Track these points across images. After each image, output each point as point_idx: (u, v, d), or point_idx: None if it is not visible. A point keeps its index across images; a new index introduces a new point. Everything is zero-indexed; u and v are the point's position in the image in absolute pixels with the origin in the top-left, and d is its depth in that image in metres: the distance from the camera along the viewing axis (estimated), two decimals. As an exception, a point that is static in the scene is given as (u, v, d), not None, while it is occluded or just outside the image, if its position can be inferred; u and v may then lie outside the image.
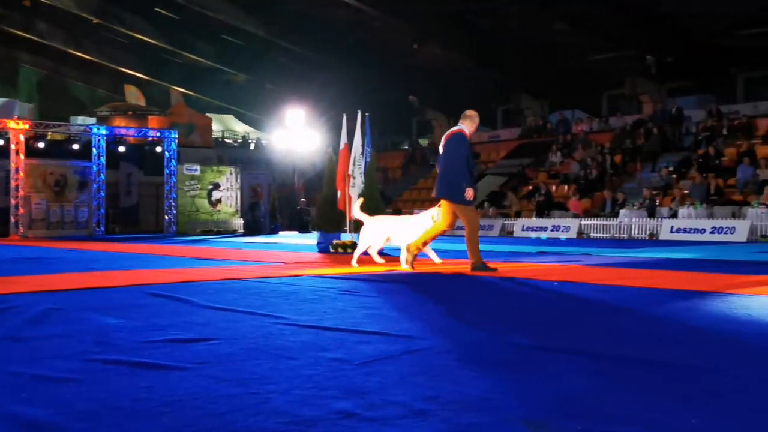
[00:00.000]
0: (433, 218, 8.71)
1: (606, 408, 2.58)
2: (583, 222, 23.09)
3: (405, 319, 4.67)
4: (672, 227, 20.81)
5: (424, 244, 8.65)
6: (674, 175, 24.66)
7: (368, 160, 13.04)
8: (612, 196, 24.19)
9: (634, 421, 2.40)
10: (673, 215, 21.67)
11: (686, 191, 22.67)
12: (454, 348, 3.67)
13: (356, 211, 9.70)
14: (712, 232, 19.85)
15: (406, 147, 39.82)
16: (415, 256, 8.63)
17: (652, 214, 22.22)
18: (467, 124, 8.70)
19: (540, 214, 25.03)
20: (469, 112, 8.79)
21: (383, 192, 28.43)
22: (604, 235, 22.32)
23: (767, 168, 22.52)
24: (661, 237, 20.68)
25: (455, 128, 8.64)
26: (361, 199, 10.34)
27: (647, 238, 20.99)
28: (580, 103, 35.11)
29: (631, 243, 18.85)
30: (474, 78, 33.41)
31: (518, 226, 24.43)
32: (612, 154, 27.88)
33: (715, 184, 22.39)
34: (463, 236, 8.51)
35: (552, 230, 23.35)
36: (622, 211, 22.62)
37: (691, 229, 20.39)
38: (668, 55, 28.16)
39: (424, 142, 40.14)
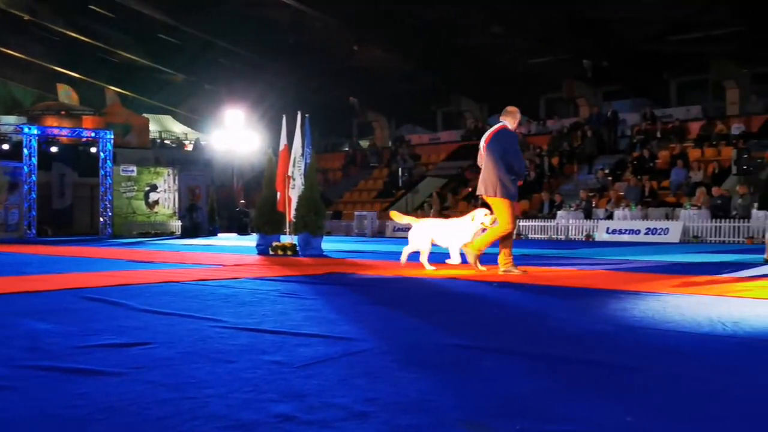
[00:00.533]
0: (473, 219, 8.74)
1: (545, 407, 2.59)
2: (521, 223, 23.38)
3: (345, 321, 4.65)
4: (608, 228, 21.23)
5: (486, 245, 8.49)
6: (610, 177, 25.16)
7: (308, 161, 12.98)
8: (550, 197, 24.56)
9: (572, 420, 2.42)
10: (609, 216, 22.11)
11: (621, 193, 23.15)
12: (394, 349, 3.67)
13: (399, 217, 9.71)
14: (646, 233, 20.31)
15: (347, 148, 39.81)
16: (477, 257, 8.46)
17: (588, 215, 22.64)
18: (509, 120, 8.51)
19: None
20: (510, 108, 8.62)
21: (323, 193, 28.40)
22: (542, 236, 22.64)
23: (699, 170, 23.15)
24: (597, 238, 21.08)
25: (498, 125, 8.45)
26: (395, 211, 10.31)
27: (584, 239, 21.37)
28: (518, 106, 35.40)
29: (569, 244, 19.16)
30: (414, 80, 33.59)
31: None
32: (550, 156, 28.32)
33: (650, 186, 22.93)
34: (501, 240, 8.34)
35: (491, 231, 23.57)
36: (559, 213, 22.99)
37: (626, 230, 20.83)
38: (604, 59, 28.73)
39: (364, 143, 40.19)
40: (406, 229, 9.98)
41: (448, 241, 8.87)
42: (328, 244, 14.36)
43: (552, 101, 34.67)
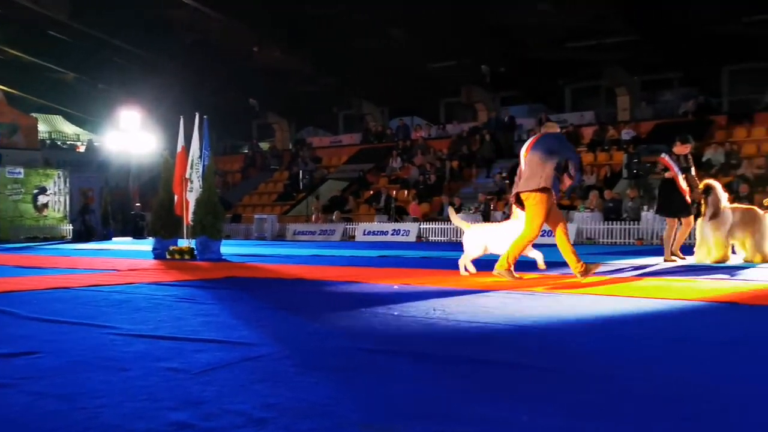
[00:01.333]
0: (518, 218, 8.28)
1: (449, 409, 2.59)
2: (422, 226, 23.62)
3: (244, 326, 4.56)
4: (505, 230, 21.63)
5: (517, 255, 7.97)
6: (507, 181, 25.66)
7: (206, 163, 12.75)
8: (449, 200, 24.89)
9: (473, 421, 2.43)
10: (506, 218, 22.54)
11: (518, 196, 23.64)
12: (294, 354, 3.61)
13: (454, 218, 9.27)
14: (541, 235, 20.73)
15: (246, 151, 39.34)
16: (507, 269, 7.87)
17: (487, 217, 23.04)
18: (551, 130, 8.17)
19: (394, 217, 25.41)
20: (550, 123, 8.36)
21: (222, 196, 27.95)
22: (443, 238, 22.93)
23: (592, 174, 23.91)
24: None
25: (540, 133, 8.14)
26: (451, 208, 9.90)
27: (482, 241, 21.72)
28: (419, 110, 35.98)
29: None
30: (315, 82, 33.49)
31: (360, 230, 24.66)
32: (449, 160, 28.71)
33: (545, 189, 23.51)
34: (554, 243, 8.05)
35: (392, 234, 23.74)
36: (459, 215, 23.31)
37: (522, 232, 21.27)
38: (501, 65, 29.34)
39: (264, 145, 39.79)
40: (308, 232, 9.84)
41: (504, 247, 8.15)
42: (227, 248, 14.14)
43: (451, 105, 35.19)
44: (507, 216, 22.47)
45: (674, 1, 24.31)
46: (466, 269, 8.40)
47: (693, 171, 10.63)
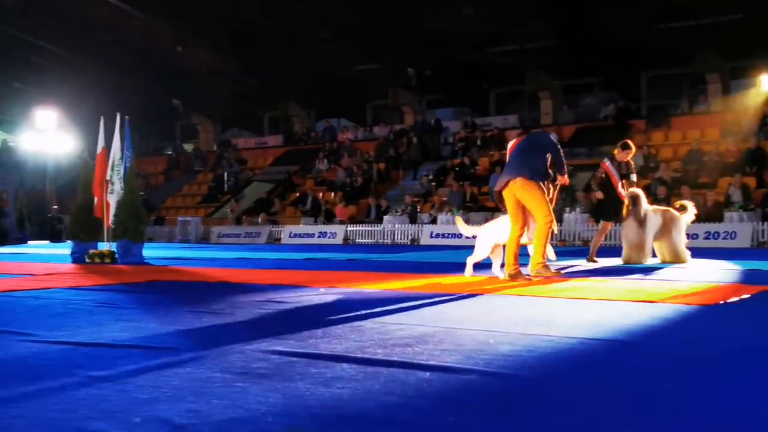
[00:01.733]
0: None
1: (368, 412, 2.58)
2: (349, 228, 23.58)
3: (166, 331, 4.44)
4: (432, 232, 21.81)
5: (543, 252, 7.83)
6: (434, 183, 25.89)
7: (128, 165, 12.44)
8: (376, 202, 24.93)
9: (394, 423, 2.42)
10: (433, 221, 22.72)
11: (445, 198, 23.88)
12: (219, 359, 3.53)
13: (463, 227, 8.84)
14: (468, 237, 20.99)
15: (170, 152, 38.64)
16: (543, 265, 7.81)
17: (413, 220, 23.17)
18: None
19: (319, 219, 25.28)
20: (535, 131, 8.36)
21: (145, 198, 27.38)
22: (369, 240, 22.93)
23: (516, 177, 24.26)
24: (422, 242, 21.60)
25: (533, 131, 8.34)
26: (458, 218, 9.62)
27: (409, 243, 21.84)
28: (345, 112, 35.95)
29: (395, 248, 19.51)
30: (241, 83, 33.11)
31: (286, 233, 24.47)
32: (376, 162, 28.76)
33: (471, 191, 23.78)
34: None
35: (319, 236, 23.63)
36: (386, 217, 23.38)
37: (448, 234, 21.47)
38: (428, 68, 29.55)
39: (188, 147, 39.14)
40: (233, 235, 9.67)
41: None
42: (149, 251, 13.83)
43: (378, 108, 35.27)
44: (434, 219, 22.65)
45: (593, 8, 24.94)
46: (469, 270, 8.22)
47: (634, 177, 10.89)
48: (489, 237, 8.05)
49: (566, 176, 7.88)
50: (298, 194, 28.84)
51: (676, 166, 22.70)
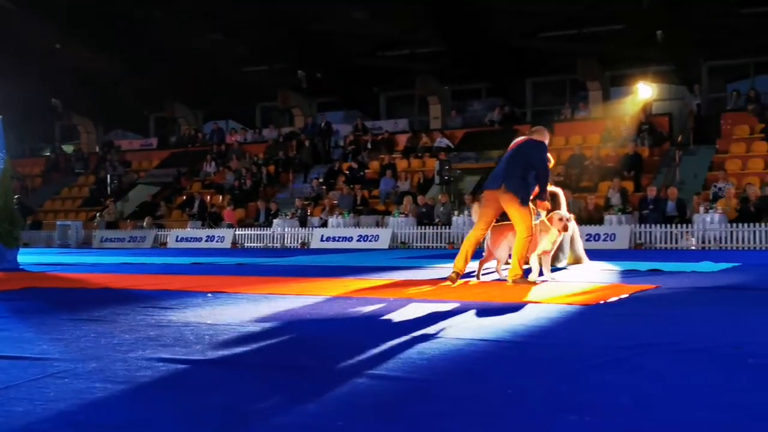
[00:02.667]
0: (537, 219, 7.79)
1: (263, 416, 2.54)
2: (237, 232, 23.23)
3: (43, 339, 4.22)
4: (322, 236, 21.75)
5: (522, 262, 7.54)
6: (324, 186, 25.83)
7: (2, 166, 11.83)
8: (266, 206, 24.66)
9: (290, 427, 2.40)
10: (324, 224, 22.67)
11: (335, 201, 23.85)
12: (99, 368, 3.37)
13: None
14: (358, 240, 21.08)
15: (48, 153, 37.08)
16: (521, 276, 7.51)
17: (303, 223, 23.04)
18: (540, 137, 7.82)
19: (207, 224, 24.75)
20: (538, 128, 8.03)
21: (21, 202, 26.17)
22: (258, 244, 22.66)
23: (406, 180, 24.52)
24: (312, 245, 21.51)
25: (526, 137, 7.92)
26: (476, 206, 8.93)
27: (299, 247, 21.71)
28: (234, 114, 35.41)
29: (285, 252, 19.35)
30: (125, 83, 32.13)
31: (172, 237, 23.88)
32: (266, 165, 28.47)
33: (361, 194, 23.86)
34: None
35: (207, 240, 23.18)
36: (275, 221, 23.15)
37: (339, 237, 21.47)
38: (318, 71, 29.47)
39: (68, 148, 37.65)
40: (116, 239, 9.33)
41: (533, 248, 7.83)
42: (25, 257, 13.19)
43: (268, 110, 34.91)
44: (324, 222, 22.58)
45: (481, 16, 25.50)
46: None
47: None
48: (504, 239, 7.92)
49: (545, 201, 7.84)
50: (185, 197, 28.20)
51: (559, 171, 23.43)
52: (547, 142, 7.86)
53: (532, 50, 27.02)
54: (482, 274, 8.11)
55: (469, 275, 7.95)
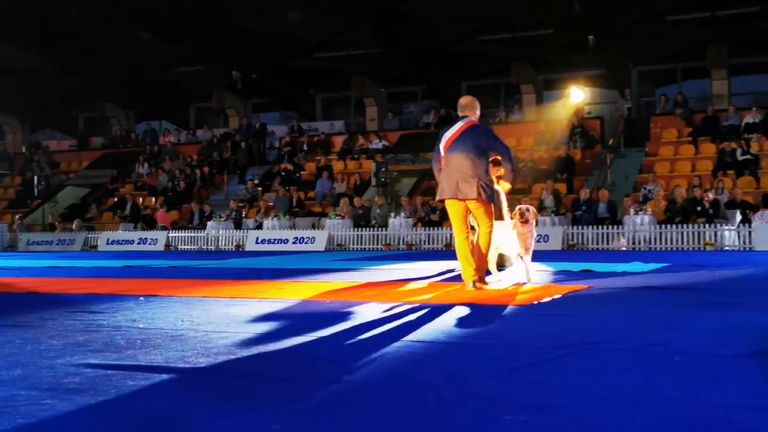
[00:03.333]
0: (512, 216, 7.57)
1: (191, 422, 2.50)
2: (171, 234, 22.86)
3: (-35, 346, 4.06)
4: (257, 238, 21.55)
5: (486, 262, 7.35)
6: (259, 188, 25.60)
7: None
8: (200, 208, 24.33)
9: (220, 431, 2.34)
10: (259, 226, 22.47)
11: (270, 203, 23.66)
12: (25, 375, 3.26)
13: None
14: (294, 242, 20.95)
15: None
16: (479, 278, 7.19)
17: (238, 225, 22.80)
18: (472, 113, 7.36)
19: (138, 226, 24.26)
20: (465, 101, 7.47)
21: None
22: (192, 246, 22.34)
23: (343, 182, 24.47)
24: (247, 248, 21.30)
25: (464, 122, 7.26)
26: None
27: (234, 249, 21.46)
28: (167, 115, 34.84)
29: (219, 254, 19.12)
30: (54, 82, 31.27)
31: (103, 240, 23.36)
32: (200, 166, 28.09)
33: (297, 196, 23.72)
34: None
35: (139, 243, 22.75)
36: (209, 223, 22.86)
37: (275, 239, 21.31)
38: (253, 72, 29.21)
39: (-7, 148, 36.50)
40: (44, 242, 9.07)
41: (511, 248, 7.75)
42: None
43: (202, 110, 34.44)
44: (259, 224, 22.38)
45: (416, 19, 25.64)
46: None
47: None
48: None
49: (510, 175, 7.80)
50: (116, 199, 27.62)
51: (494, 173, 23.71)
52: (478, 114, 7.46)
53: (467, 53, 27.27)
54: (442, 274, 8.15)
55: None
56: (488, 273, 7.78)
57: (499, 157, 7.82)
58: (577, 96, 26.05)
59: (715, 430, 2.36)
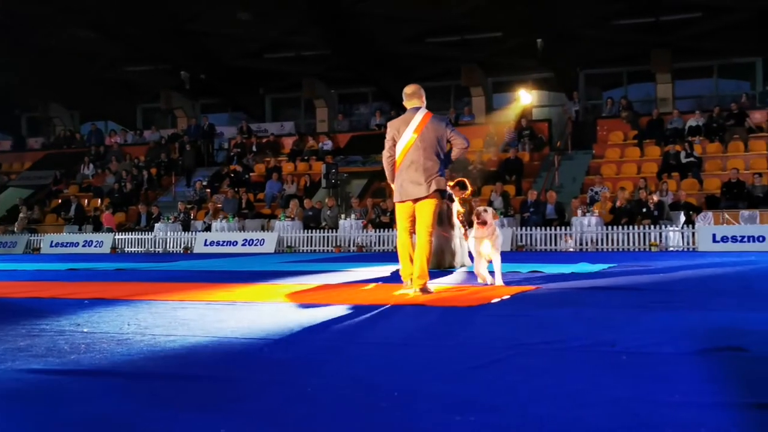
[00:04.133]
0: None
1: (137, 427, 2.47)
2: (117, 236, 22.49)
3: None
4: (206, 240, 21.33)
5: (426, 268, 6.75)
6: (208, 190, 25.34)
7: None
8: (147, 209, 23.99)
9: None
10: (207, 228, 22.24)
11: (219, 205, 23.44)
12: (-37, 382, 3.16)
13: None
14: (243, 244, 20.79)
15: None
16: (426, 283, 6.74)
17: (186, 227, 22.53)
18: (418, 102, 7.00)
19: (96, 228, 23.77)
20: (410, 89, 7.10)
21: None
22: (139, 249, 22.02)
23: (293, 184, 24.35)
24: (196, 250, 21.06)
25: (422, 114, 6.87)
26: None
27: (182, 252, 21.20)
28: (113, 115, 34.24)
29: (167, 257, 18.87)
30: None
31: (46, 242, 22.88)
32: (147, 167, 27.70)
33: (246, 198, 23.53)
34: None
35: (84, 245, 22.33)
36: (157, 225, 22.55)
37: (224, 241, 21.11)
38: (202, 72, 28.91)
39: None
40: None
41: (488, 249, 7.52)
42: None
43: (149, 111, 33.97)
44: (208, 226, 22.15)
45: (366, 21, 25.65)
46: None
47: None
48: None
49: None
50: (60, 201, 27.07)
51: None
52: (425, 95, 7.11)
53: (417, 56, 27.40)
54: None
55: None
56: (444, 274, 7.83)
57: (466, 181, 7.66)
58: (525, 99, 26.35)
59: (660, 428, 2.40)
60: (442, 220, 10.26)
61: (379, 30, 26.05)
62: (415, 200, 6.79)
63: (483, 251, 7.49)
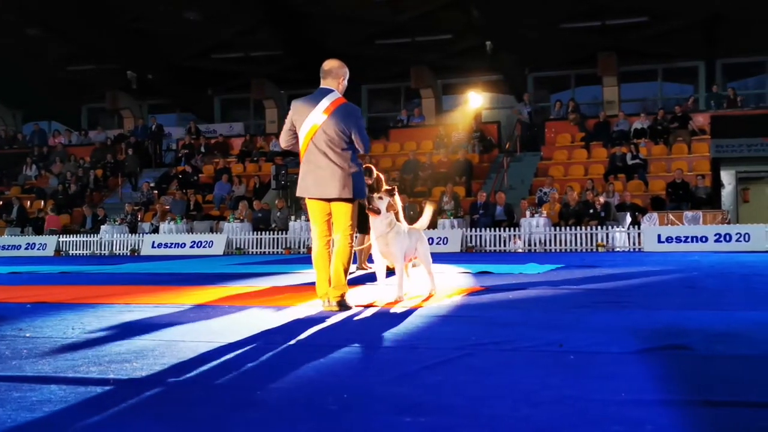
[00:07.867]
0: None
1: None
2: (61, 239, 22.04)
3: None
4: (154, 242, 21.04)
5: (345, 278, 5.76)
6: (155, 191, 25.00)
7: None
8: (92, 211, 23.56)
9: None
10: (155, 230, 21.94)
11: (167, 207, 23.14)
12: None
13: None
14: (192, 246, 20.55)
15: None
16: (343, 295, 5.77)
17: (134, 229, 22.20)
18: (334, 84, 6.11)
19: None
20: (329, 65, 6.25)
21: None
22: (85, 251, 21.63)
23: (242, 185, 24.15)
24: (143, 252, 20.76)
25: (332, 99, 5.92)
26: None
27: (129, 254, 20.88)
28: (57, 115, 33.58)
29: (114, 259, 18.56)
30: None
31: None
32: (93, 168, 27.21)
33: (195, 199, 23.27)
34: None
35: (27, 248, 21.83)
36: (103, 227, 22.17)
37: (172, 243, 20.84)
38: (149, 72, 28.51)
39: None
40: None
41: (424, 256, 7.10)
42: None
43: (94, 111, 33.39)
44: (155, 228, 21.85)
45: (316, 22, 25.60)
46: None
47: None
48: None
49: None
50: (2, 202, 26.44)
51: (394, 176, 23.88)
52: (343, 84, 6.27)
53: (367, 57, 27.40)
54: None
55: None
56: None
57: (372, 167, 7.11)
58: (475, 101, 26.53)
59: (606, 426, 2.43)
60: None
61: (330, 31, 26.01)
62: (329, 200, 5.79)
63: (381, 252, 6.27)
